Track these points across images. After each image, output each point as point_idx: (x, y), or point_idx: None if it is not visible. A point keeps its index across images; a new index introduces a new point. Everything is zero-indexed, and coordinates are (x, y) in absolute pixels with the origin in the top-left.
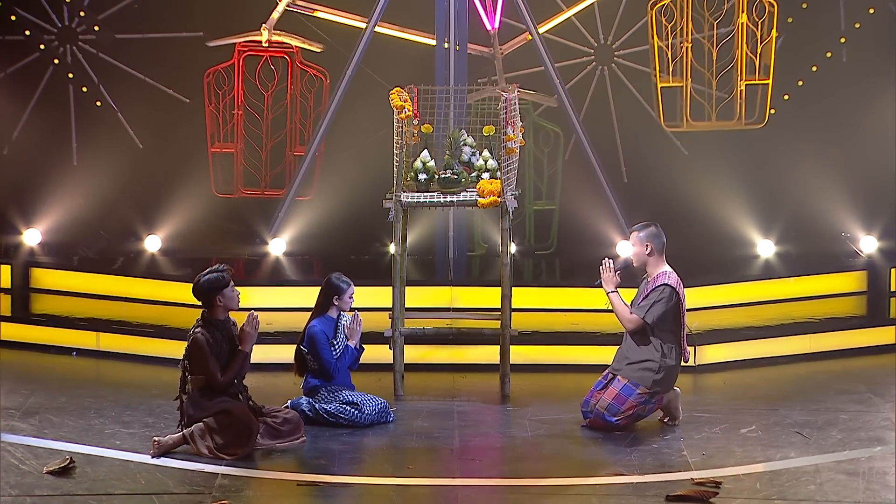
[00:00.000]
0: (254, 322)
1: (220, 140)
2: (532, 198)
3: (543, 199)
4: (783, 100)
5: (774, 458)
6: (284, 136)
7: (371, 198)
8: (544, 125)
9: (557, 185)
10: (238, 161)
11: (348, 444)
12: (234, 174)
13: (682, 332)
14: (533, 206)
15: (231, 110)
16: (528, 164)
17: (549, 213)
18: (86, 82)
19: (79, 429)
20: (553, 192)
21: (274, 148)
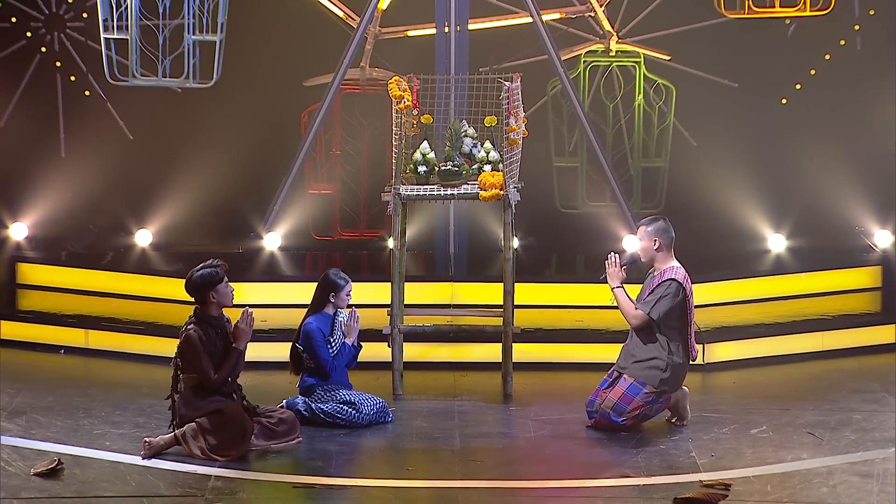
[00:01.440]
0: (248, 319)
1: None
2: (640, 155)
3: (652, 157)
4: (795, 89)
5: (786, 459)
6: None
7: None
8: (656, 80)
9: (667, 141)
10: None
11: (345, 444)
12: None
13: (690, 329)
14: (641, 163)
15: (330, 150)
16: (638, 120)
17: (657, 170)
18: (74, 71)
19: (67, 429)
20: (662, 150)
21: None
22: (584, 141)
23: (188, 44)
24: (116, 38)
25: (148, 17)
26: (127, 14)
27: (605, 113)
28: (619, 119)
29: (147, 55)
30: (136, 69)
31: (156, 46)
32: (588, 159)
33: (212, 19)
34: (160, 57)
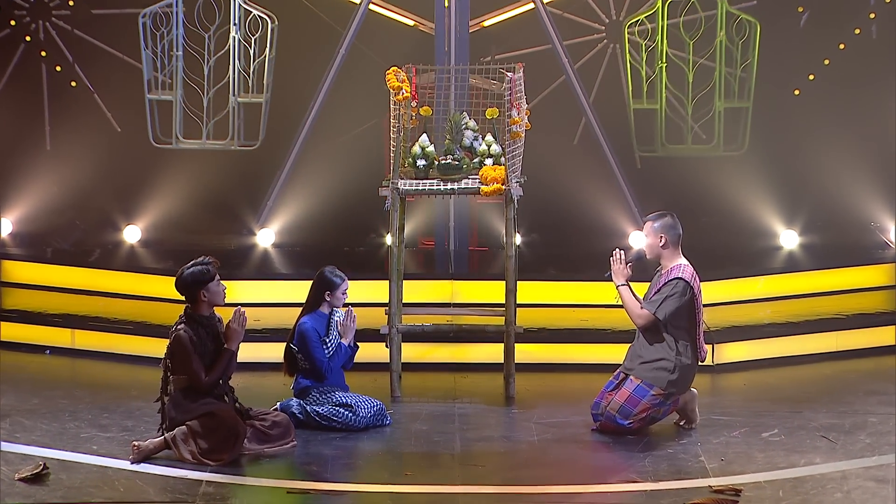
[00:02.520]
0: (240, 318)
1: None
2: (723, 95)
3: (734, 98)
4: (808, 80)
5: (798, 463)
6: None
7: (366, 185)
8: (739, 14)
9: (751, 80)
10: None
11: (342, 448)
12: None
13: (698, 330)
14: (723, 104)
15: (170, 53)
16: (720, 58)
17: (739, 111)
18: (60, 61)
19: (53, 433)
20: (745, 90)
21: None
22: (660, 84)
23: (233, 105)
24: (160, 99)
25: (192, 77)
26: (172, 74)
27: (686, 49)
28: (699, 56)
29: (190, 116)
30: (179, 131)
31: (200, 107)
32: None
33: (257, 79)
34: (204, 119)
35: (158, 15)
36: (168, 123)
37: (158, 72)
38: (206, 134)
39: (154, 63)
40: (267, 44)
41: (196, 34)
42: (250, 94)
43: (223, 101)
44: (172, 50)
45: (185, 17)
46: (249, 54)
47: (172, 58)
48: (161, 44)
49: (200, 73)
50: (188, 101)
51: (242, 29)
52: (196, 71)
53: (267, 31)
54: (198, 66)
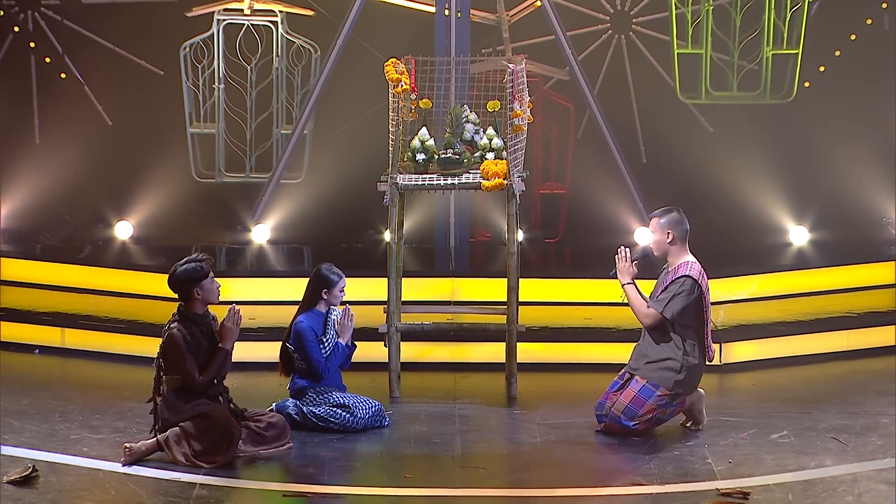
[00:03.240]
0: (235, 317)
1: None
2: (771, 42)
3: (783, 44)
4: (818, 71)
5: (808, 466)
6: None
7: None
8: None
9: (800, 26)
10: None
11: (339, 450)
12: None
13: (706, 329)
14: (771, 50)
15: (211, 85)
16: (768, 3)
17: (787, 59)
18: (49, 52)
19: (42, 434)
20: (794, 37)
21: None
22: (706, 28)
23: (276, 138)
24: (202, 133)
25: (234, 110)
26: (215, 108)
27: None
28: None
29: (233, 149)
30: (221, 164)
31: (243, 140)
32: None
33: (300, 111)
34: (247, 152)
35: (199, 46)
36: (210, 157)
37: (200, 103)
38: (250, 167)
39: (195, 96)
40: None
41: (238, 65)
42: (293, 126)
43: (266, 132)
44: (214, 82)
45: (226, 49)
46: (293, 85)
47: (214, 90)
48: (203, 76)
49: (243, 105)
50: (230, 134)
51: (285, 59)
52: (238, 103)
53: (311, 61)
54: (240, 97)
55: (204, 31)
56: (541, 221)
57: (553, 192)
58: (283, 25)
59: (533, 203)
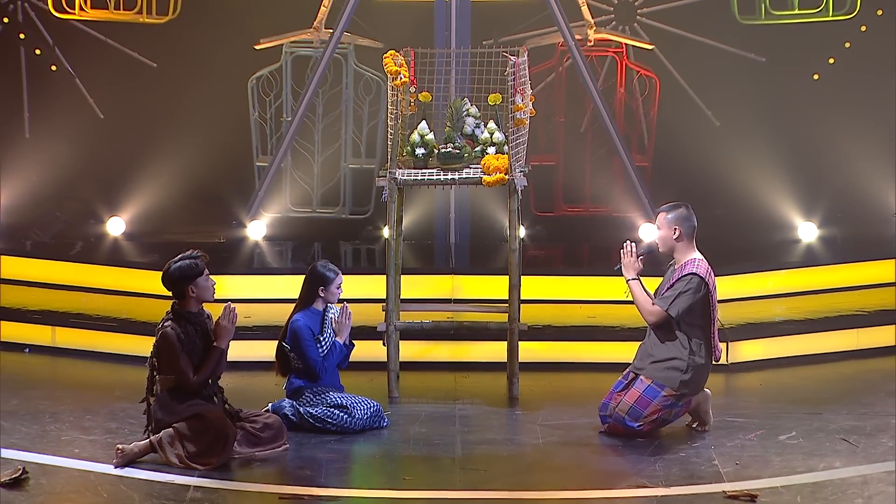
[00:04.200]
0: (230, 315)
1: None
2: None
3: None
4: (828, 64)
5: (817, 468)
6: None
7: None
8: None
9: None
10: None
11: (337, 452)
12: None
13: (713, 327)
14: None
15: (279, 118)
16: None
17: None
18: (39, 44)
19: (32, 435)
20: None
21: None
22: None
23: (344, 172)
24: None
25: (302, 143)
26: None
27: None
28: None
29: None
30: (289, 198)
31: (309, 174)
32: None
33: (368, 144)
34: (314, 186)
35: (266, 78)
36: (277, 189)
37: (267, 137)
38: (316, 201)
39: (262, 129)
40: (381, 106)
41: None
42: (361, 160)
43: (334, 166)
44: (281, 116)
45: (294, 81)
46: (361, 118)
47: (281, 123)
48: (270, 110)
49: (310, 139)
50: (296, 168)
51: (353, 91)
52: (306, 136)
53: (379, 92)
54: (308, 130)
55: (272, 62)
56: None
57: (639, 165)
58: (352, 57)
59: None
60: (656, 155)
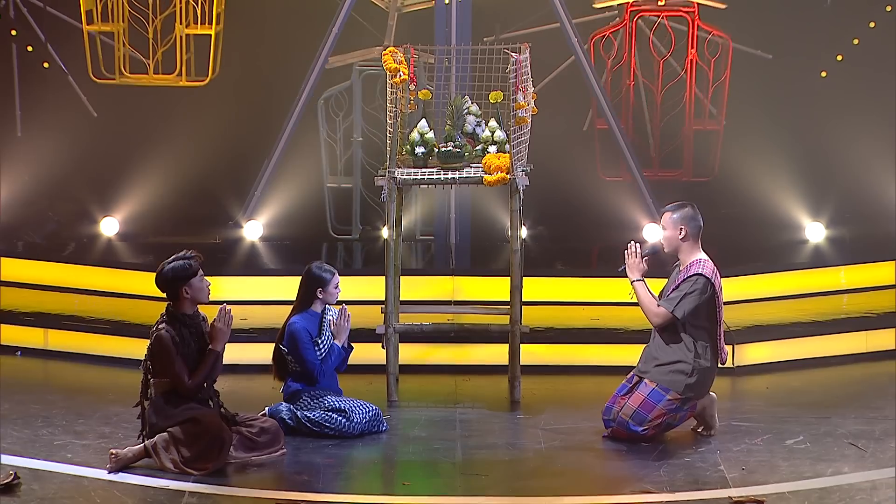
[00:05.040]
0: (226, 317)
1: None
2: None
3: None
4: (836, 61)
5: (825, 473)
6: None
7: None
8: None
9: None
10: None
11: (335, 457)
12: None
13: (719, 330)
14: None
15: (349, 139)
16: None
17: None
18: (31, 40)
19: (24, 440)
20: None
21: (163, 25)
22: None
23: None
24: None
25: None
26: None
27: None
28: None
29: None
30: (358, 219)
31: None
32: None
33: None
34: None
35: (336, 97)
36: (346, 209)
37: (338, 159)
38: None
39: (332, 149)
40: None
41: (374, 117)
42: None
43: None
44: (351, 136)
45: (364, 101)
46: None
47: (351, 143)
48: (339, 130)
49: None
50: (367, 189)
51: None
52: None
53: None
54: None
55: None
56: (693, 159)
57: (707, 129)
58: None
59: (686, 140)
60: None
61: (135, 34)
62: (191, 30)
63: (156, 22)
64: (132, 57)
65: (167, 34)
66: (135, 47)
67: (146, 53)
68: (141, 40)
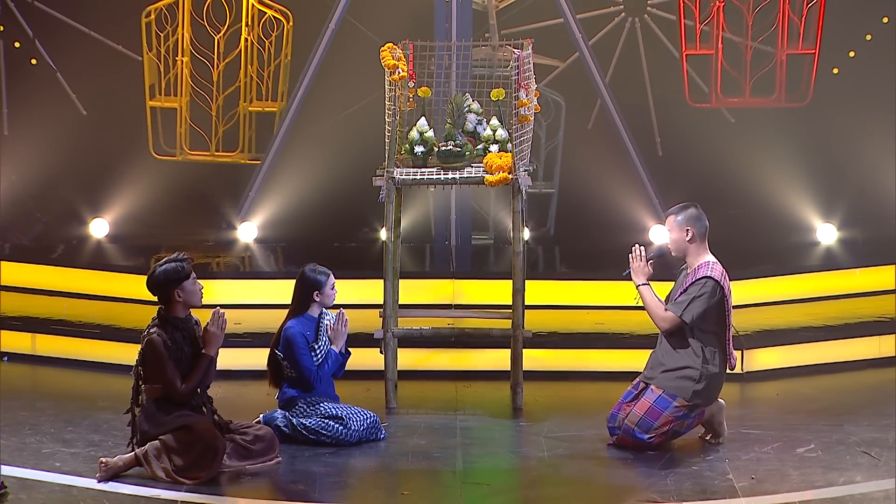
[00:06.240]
0: (220, 321)
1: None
2: None
3: None
4: (849, 57)
5: (837, 482)
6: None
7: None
8: None
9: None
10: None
11: (331, 465)
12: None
13: (728, 334)
14: None
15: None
16: None
17: None
18: (19, 36)
19: (11, 448)
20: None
21: (226, 102)
22: None
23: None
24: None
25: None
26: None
27: None
28: None
29: None
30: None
31: None
32: None
33: None
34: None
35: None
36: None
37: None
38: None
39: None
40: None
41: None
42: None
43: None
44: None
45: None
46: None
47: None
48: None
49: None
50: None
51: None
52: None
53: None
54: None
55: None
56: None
57: (800, 53)
58: None
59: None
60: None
61: (197, 110)
62: (254, 107)
63: (219, 98)
64: (193, 132)
65: (230, 110)
66: (196, 123)
67: (208, 130)
68: (203, 117)
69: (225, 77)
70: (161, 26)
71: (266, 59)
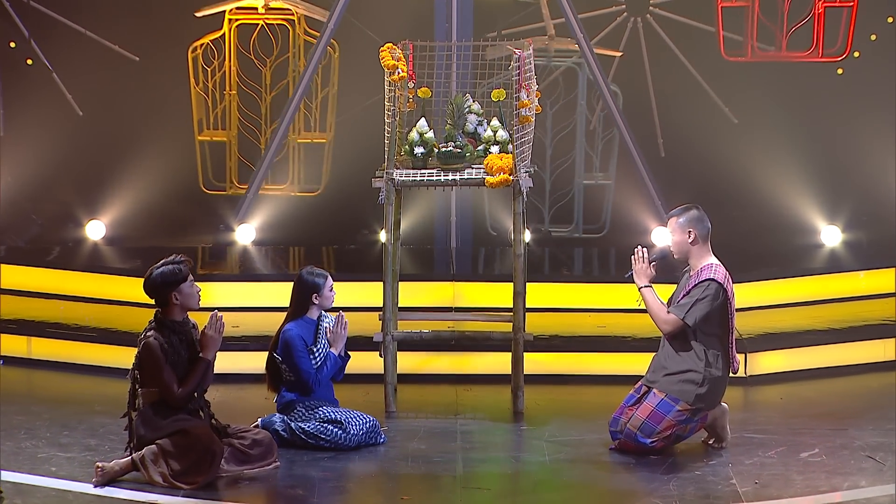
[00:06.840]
0: (217, 324)
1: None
2: None
3: None
4: (853, 57)
5: (841, 487)
6: None
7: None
8: None
9: None
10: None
11: (330, 470)
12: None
13: (731, 337)
14: None
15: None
16: None
17: None
18: (14, 36)
19: (7, 452)
20: None
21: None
22: None
23: None
24: None
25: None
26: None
27: None
28: None
29: None
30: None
31: None
32: None
33: None
34: None
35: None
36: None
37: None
38: None
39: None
40: None
41: None
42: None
43: None
44: None
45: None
46: None
47: None
48: None
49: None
50: None
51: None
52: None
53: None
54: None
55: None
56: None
57: (838, 5)
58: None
59: (817, 18)
60: (669, 152)
61: (245, 143)
62: (303, 139)
63: (268, 131)
64: (242, 165)
65: None
66: (245, 157)
67: (257, 163)
68: (252, 150)
69: (272, 109)
70: (208, 61)
71: (314, 89)
